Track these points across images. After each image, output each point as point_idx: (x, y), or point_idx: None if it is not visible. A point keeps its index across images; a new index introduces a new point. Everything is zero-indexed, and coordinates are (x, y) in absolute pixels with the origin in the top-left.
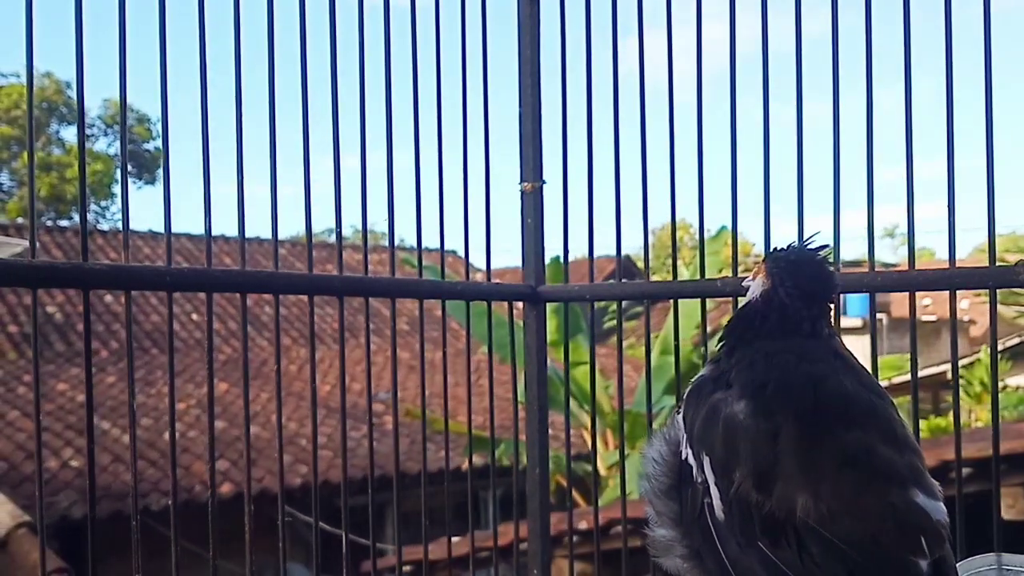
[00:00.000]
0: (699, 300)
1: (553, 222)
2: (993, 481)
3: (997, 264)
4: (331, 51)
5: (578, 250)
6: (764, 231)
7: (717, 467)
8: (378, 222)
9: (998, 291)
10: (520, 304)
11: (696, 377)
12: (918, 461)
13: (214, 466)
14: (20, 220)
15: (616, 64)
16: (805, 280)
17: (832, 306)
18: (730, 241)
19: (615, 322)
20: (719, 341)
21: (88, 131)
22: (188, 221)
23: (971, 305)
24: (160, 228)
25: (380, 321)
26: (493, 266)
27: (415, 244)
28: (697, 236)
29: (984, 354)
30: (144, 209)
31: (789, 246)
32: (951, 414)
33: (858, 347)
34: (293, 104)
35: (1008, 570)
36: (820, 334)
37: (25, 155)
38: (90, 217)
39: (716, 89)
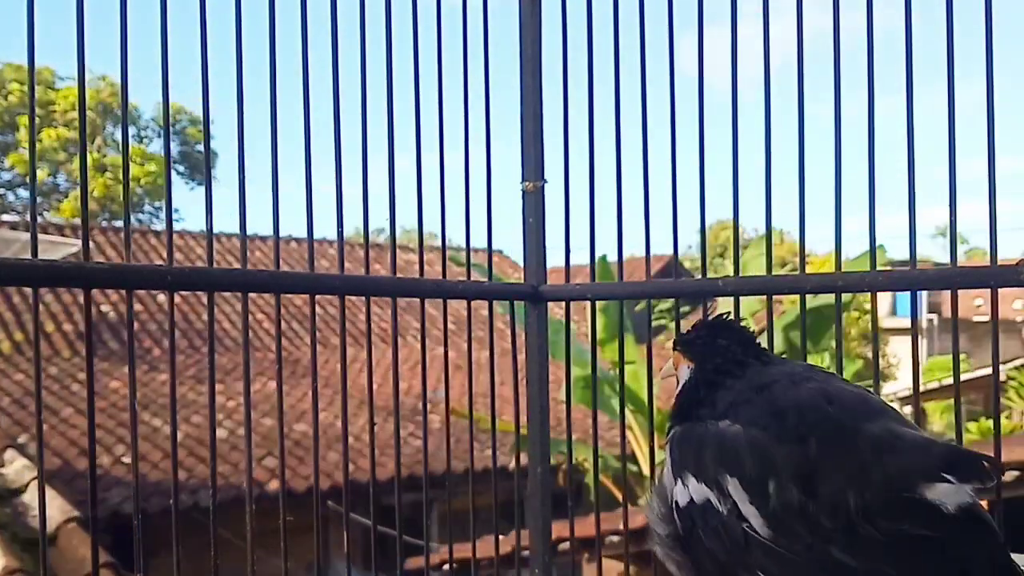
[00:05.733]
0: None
1: (556, 221)
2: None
3: (999, 264)
4: (332, 51)
5: (581, 250)
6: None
7: (749, 486)
8: (421, 224)
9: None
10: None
11: (672, 433)
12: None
13: (215, 467)
14: (76, 220)
15: (617, 63)
16: (725, 341)
17: (762, 348)
18: (785, 242)
19: (662, 321)
20: (674, 415)
21: (143, 132)
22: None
23: None
24: (216, 228)
25: (428, 321)
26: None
27: (419, 243)
28: (746, 237)
29: None
30: (198, 209)
31: (692, 327)
32: (1004, 416)
33: (907, 347)
34: (297, 105)
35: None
36: (777, 362)
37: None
38: (144, 218)
39: (718, 89)
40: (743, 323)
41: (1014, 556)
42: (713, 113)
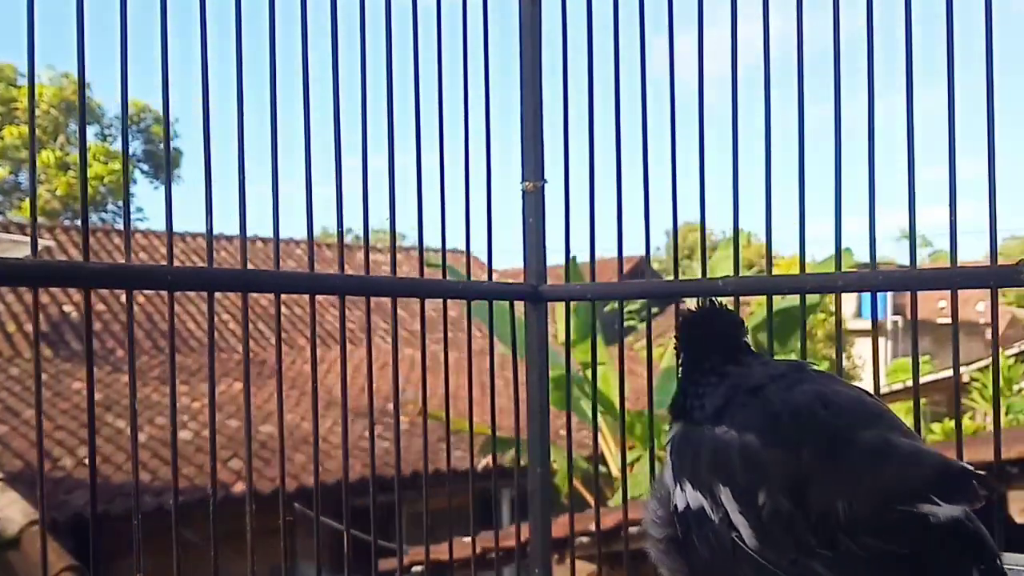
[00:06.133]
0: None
1: (554, 222)
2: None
3: (999, 264)
4: (332, 50)
5: (581, 250)
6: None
7: (740, 496)
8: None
9: (1004, 293)
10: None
11: (671, 435)
12: (932, 449)
13: (215, 464)
14: (39, 219)
15: (617, 63)
16: (708, 331)
17: (744, 338)
18: (745, 243)
19: (630, 322)
20: (671, 411)
21: (105, 131)
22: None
23: (987, 308)
24: (177, 228)
25: (389, 321)
26: (500, 267)
27: (419, 244)
28: (713, 237)
29: (1000, 356)
30: (162, 208)
31: (682, 317)
32: (967, 417)
33: (870, 349)
34: (295, 104)
35: (1011, 569)
36: (757, 361)
37: (42, 154)
38: (107, 216)
39: (718, 90)
40: (727, 313)
41: (1010, 556)
42: (703, 113)
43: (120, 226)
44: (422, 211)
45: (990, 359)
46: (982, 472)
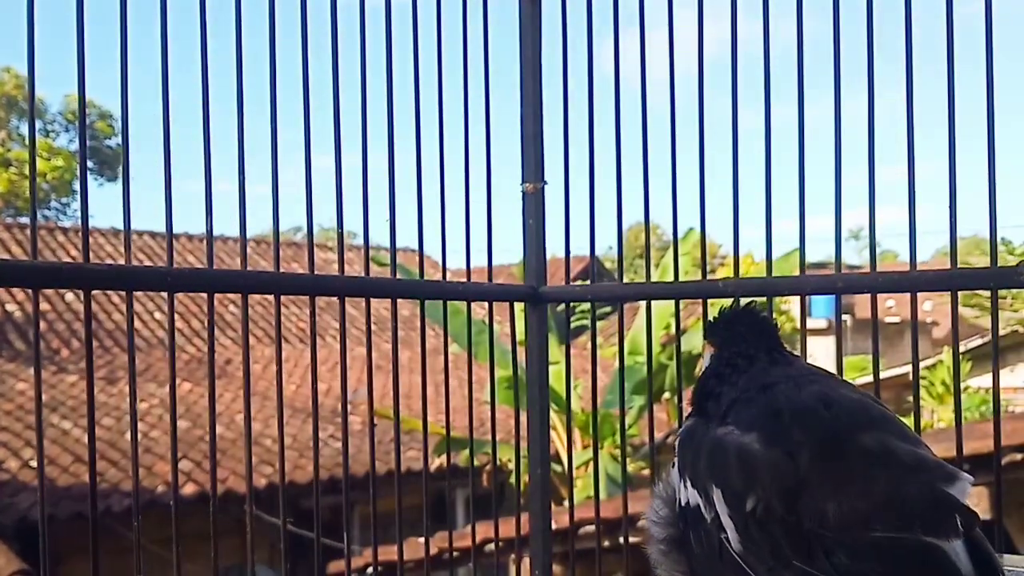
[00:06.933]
0: (673, 302)
1: (551, 223)
2: (995, 478)
3: (998, 265)
4: (332, 50)
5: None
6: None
7: (731, 499)
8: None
9: (959, 293)
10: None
11: (681, 430)
12: (933, 454)
13: (215, 466)
14: None
15: (617, 64)
16: (743, 329)
17: (778, 342)
18: (698, 242)
19: (583, 322)
20: (691, 404)
21: (48, 126)
22: (150, 219)
23: (934, 307)
24: (122, 225)
25: (348, 321)
26: (452, 266)
27: (419, 244)
28: (665, 238)
29: (947, 356)
30: (106, 206)
31: (719, 313)
32: (913, 414)
33: (822, 348)
34: (294, 102)
35: (1010, 571)
36: (784, 361)
37: None
38: (50, 214)
39: (717, 89)
40: (764, 313)
41: (1013, 558)
42: (687, 112)
43: (64, 223)
44: (422, 211)
45: (937, 358)
46: (973, 509)
